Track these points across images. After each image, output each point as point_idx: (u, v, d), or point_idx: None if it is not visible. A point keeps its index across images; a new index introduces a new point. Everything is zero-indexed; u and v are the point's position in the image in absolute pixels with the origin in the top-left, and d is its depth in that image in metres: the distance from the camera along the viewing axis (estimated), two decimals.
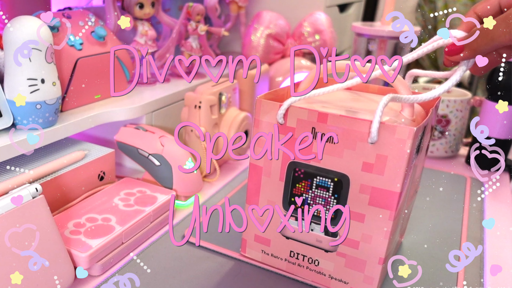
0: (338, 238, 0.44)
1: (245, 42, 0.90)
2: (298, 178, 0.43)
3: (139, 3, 0.71)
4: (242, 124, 0.70)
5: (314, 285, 0.47)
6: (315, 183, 0.43)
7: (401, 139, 0.37)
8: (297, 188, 0.44)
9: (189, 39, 0.80)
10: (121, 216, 0.52)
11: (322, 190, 0.43)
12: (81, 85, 0.61)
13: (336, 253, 0.44)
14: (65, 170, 0.55)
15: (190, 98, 0.67)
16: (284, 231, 0.46)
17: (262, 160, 0.45)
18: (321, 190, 0.43)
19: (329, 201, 0.43)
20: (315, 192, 0.43)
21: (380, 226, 0.41)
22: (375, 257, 0.42)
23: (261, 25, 0.88)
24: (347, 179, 0.41)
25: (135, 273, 0.46)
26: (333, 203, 0.42)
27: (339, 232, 0.43)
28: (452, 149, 0.82)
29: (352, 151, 0.40)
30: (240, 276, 0.48)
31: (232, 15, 0.95)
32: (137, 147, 0.62)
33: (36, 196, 0.43)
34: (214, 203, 0.62)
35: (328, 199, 0.43)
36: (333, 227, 0.43)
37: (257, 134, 0.44)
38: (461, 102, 0.78)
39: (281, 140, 0.43)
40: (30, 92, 0.49)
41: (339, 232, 0.43)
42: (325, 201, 0.43)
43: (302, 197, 0.44)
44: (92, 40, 0.63)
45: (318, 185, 0.43)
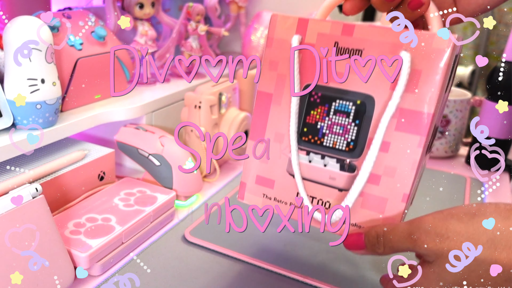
0: (356, 172, 0.37)
1: (245, 42, 0.90)
2: (313, 104, 0.38)
3: (139, 3, 0.71)
4: (242, 124, 0.70)
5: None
6: (333, 108, 0.37)
7: (439, 49, 0.33)
8: (312, 115, 0.38)
9: (189, 39, 0.80)
10: (121, 216, 0.52)
11: (341, 116, 0.37)
12: (81, 85, 0.61)
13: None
14: (65, 170, 0.55)
15: (190, 98, 0.67)
16: (291, 169, 0.40)
17: (272, 85, 0.39)
18: (340, 116, 0.37)
19: (349, 129, 0.37)
20: (333, 119, 0.37)
21: (407, 156, 0.35)
22: (398, 194, 0.36)
23: (261, 25, 0.88)
24: (372, 101, 0.36)
25: (135, 273, 0.46)
26: (354, 131, 0.37)
27: (357, 165, 0.37)
28: (452, 149, 0.82)
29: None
30: (240, 276, 0.48)
31: (232, 15, 0.95)
32: (137, 147, 0.62)
33: (36, 196, 0.43)
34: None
35: (348, 126, 0.37)
36: (353, 159, 0.37)
37: (270, 55, 0.38)
38: (461, 102, 0.79)
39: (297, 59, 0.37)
40: (30, 92, 0.49)
41: (357, 165, 0.37)
42: (343, 129, 0.37)
43: (316, 126, 0.38)
44: (92, 40, 0.63)
45: (337, 110, 0.37)
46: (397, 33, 0.34)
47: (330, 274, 0.49)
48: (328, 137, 0.38)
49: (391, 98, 0.34)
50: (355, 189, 0.37)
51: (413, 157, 0.35)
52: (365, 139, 0.36)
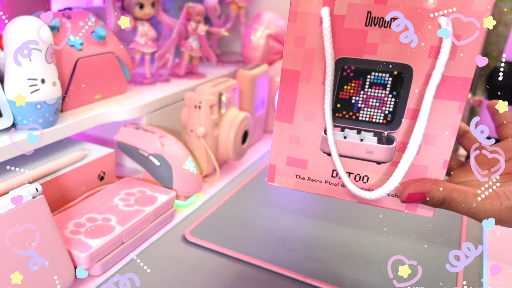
0: (395, 143, 0.37)
1: (245, 42, 0.90)
2: (346, 78, 0.36)
3: (139, 3, 0.71)
4: (242, 124, 0.70)
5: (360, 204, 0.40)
6: (369, 81, 0.36)
7: (479, 11, 0.32)
8: (345, 90, 0.37)
9: (189, 39, 0.80)
10: (121, 216, 0.52)
11: (378, 88, 0.36)
12: (81, 85, 0.61)
13: (391, 163, 0.38)
14: (65, 170, 0.55)
15: (190, 98, 0.67)
16: (325, 146, 0.39)
17: (299, 62, 0.37)
18: (376, 88, 0.36)
19: (386, 101, 0.36)
20: (368, 93, 0.36)
21: (447, 122, 0.35)
22: (439, 160, 0.36)
23: (261, 25, 0.88)
24: (410, 70, 0.35)
25: (135, 273, 0.46)
26: (391, 102, 0.36)
27: (396, 137, 0.37)
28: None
29: (417, 34, 0.34)
30: (240, 276, 0.48)
31: (232, 15, 0.95)
32: (137, 147, 0.62)
33: (36, 196, 0.43)
34: (214, 203, 0.62)
35: (385, 98, 0.36)
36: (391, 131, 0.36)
37: (294, 30, 0.36)
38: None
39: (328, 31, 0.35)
40: (30, 92, 0.49)
41: (395, 137, 0.37)
42: (380, 101, 0.36)
43: (351, 101, 0.37)
44: (92, 40, 0.63)
45: (373, 83, 0.36)
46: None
47: (330, 274, 0.49)
48: (363, 111, 0.37)
49: (435, 67, 0.34)
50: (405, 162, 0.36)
51: (453, 123, 0.35)
52: (404, 110, 0.36)
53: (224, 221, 0.58)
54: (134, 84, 0.74)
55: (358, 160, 0.38)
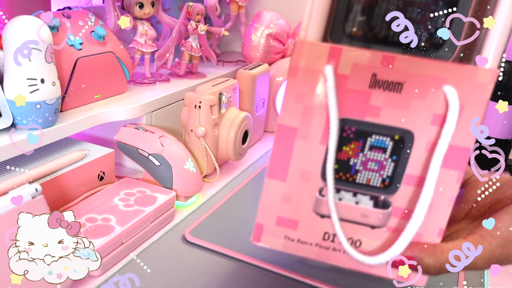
0: (391, 208, 0.36)
1: (245, 42, 0.90)
2: (346, 139, 0.35)
3: (139, 2, 0.70)
4: (242, 124, 0.70)
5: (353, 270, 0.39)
6: (369, 144, 0.35)
7: (482, 83, 0.32)
8: (344, 152, 0.36)
9: (189, 39, 0.80)
10: (121, 216, 0.52)
11: (378, 151, 0.35)
12: (81, 85, 0.61)
13: (385, 228, 0.37)
14: (65, 170, 0.55)
15: (190, 98, 0.67)
16: (319, 208, 0.37)
17: (298, 119, 0.35)
18: (376, 152, 0.35)
19: (385, 165, 0.35)
20: (368, 155, 0.36)
21: (445, 191, 0.35)
22: (434, 229, 0.36)
23: (262, 24, 0.88)
24: (411, 136, 0.34)
25: (135, 273, 0.46)
26: (390, 167, 0.35)
27: (393, 202, 0.36)
28: None
29: (421, 101, 0.33)
30: (240, 276, 0.48)
31: (232, 14, 0.95)
32: (137, 147, 0.62)
33: (36, 196, 0.43)
34: (214, 203, 0.62)
35: (384, 162, 0.35)
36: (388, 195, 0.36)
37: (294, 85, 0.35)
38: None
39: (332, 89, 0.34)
40: (30, 92, 0.49)
41: (392, 202, 0.36)
42: (379, 165, 0.36)
43: (349, 162, 0.36)
44: (92, 40, 0.63)
45: (373, 146, 0.35)
46: (441, 66, 0.33)
47: (330, 274, 0.49)
48: (361, 174, 0.36)
49: (440, 135, 0.33)
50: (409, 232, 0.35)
51: (451, 192, 0.35)
52: (402, 175, 0.35)
53: (224, 221, 0.58)
54: (134, 84, 0.74)
55: (351, 224, 0.37)
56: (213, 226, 0.56)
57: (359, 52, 0.33)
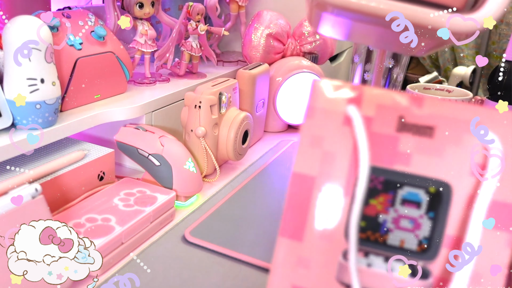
0: (431, 280, 0.30)
1: (245, 42, 0.90)
2: (374, 191, 0.30)
3: (139, 2, 0.70)
4: (242, 124, 0.70)
5: None
6: (400, 198, 0.30)
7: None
8: (371, 206, 0.31)
9: (189, 39, 0.80)
10: (121, 216, 0.52)
11: (411, 207, 0.30)
12: (80, 85, 0.61)
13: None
14: (65, 170, 0.55)
15: (190, 98, 0.67)
16: (343, 275, 0.31)
17: (316, 166, 0.31)
18: (409, 207, 0.30)
19: (420, 223, 0.30)
20: (399, 211, 0.30)
21: (496, 257, 0.30)
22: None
23: (262, 24, 0.88)
24: (449, 189, 0.30)
25: (135, 273, 0.46)
26: (427, 225, 0.30)
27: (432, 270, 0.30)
28: None
29: (456, 147, 0.29)
30: (241, 276, 0.48)
31: (232, 14, 0.95)
32: (137, 147, 0.62)
33: (36, 196, 0.43)
34: (214, 203, 0.62)
35: (419, 220, 0.30)
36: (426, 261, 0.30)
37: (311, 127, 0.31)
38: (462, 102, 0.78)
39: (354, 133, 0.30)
40: (29, 92, 0.49)
41: (432, 270, 0.30)
42: (414, 223, 0.30)
43: (377, 219, 0.31)
44: (92, 39, 0.63)
45: (405, 200, 0.30)
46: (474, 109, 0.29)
47: None
48: (393, 234, 0.30)
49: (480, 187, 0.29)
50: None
51: (501, 260, 0.30)
52: (441, 236, 0.30)
53: (224, 221, 0.58)
54: (134, 84, 0.74)
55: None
56: (213, 226, 0.56)
57: (383, 93, 0.30)
